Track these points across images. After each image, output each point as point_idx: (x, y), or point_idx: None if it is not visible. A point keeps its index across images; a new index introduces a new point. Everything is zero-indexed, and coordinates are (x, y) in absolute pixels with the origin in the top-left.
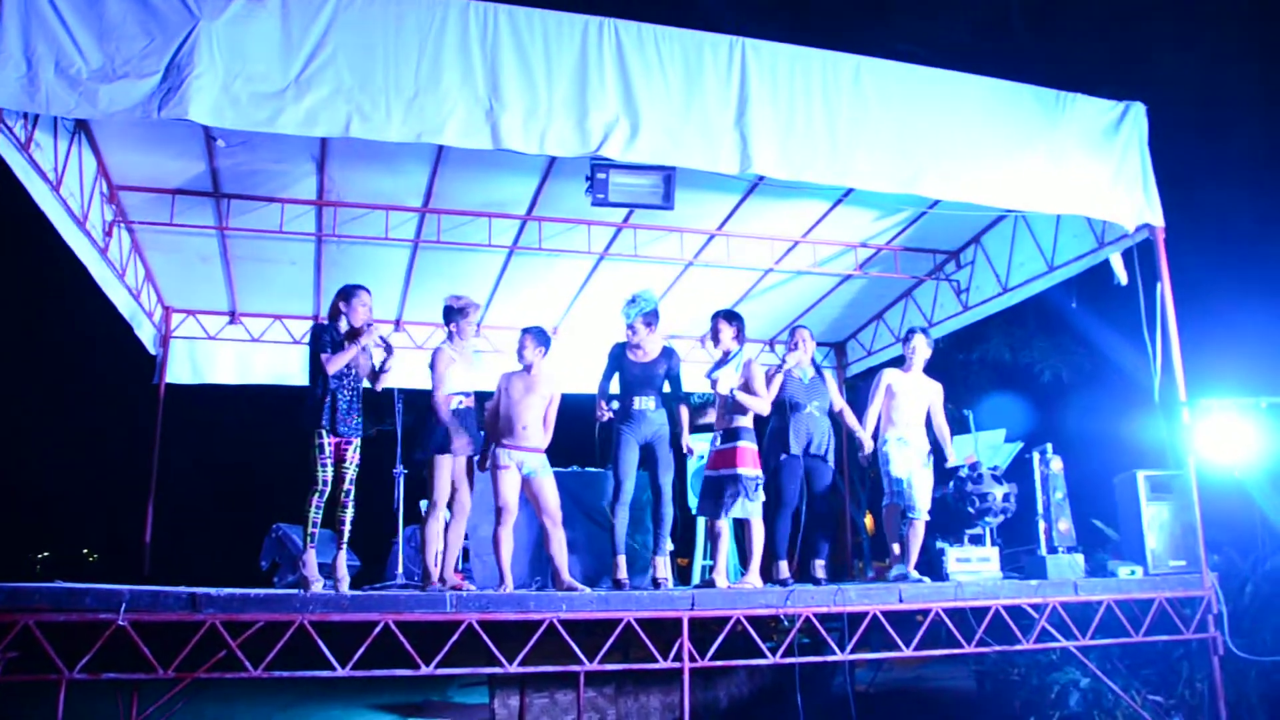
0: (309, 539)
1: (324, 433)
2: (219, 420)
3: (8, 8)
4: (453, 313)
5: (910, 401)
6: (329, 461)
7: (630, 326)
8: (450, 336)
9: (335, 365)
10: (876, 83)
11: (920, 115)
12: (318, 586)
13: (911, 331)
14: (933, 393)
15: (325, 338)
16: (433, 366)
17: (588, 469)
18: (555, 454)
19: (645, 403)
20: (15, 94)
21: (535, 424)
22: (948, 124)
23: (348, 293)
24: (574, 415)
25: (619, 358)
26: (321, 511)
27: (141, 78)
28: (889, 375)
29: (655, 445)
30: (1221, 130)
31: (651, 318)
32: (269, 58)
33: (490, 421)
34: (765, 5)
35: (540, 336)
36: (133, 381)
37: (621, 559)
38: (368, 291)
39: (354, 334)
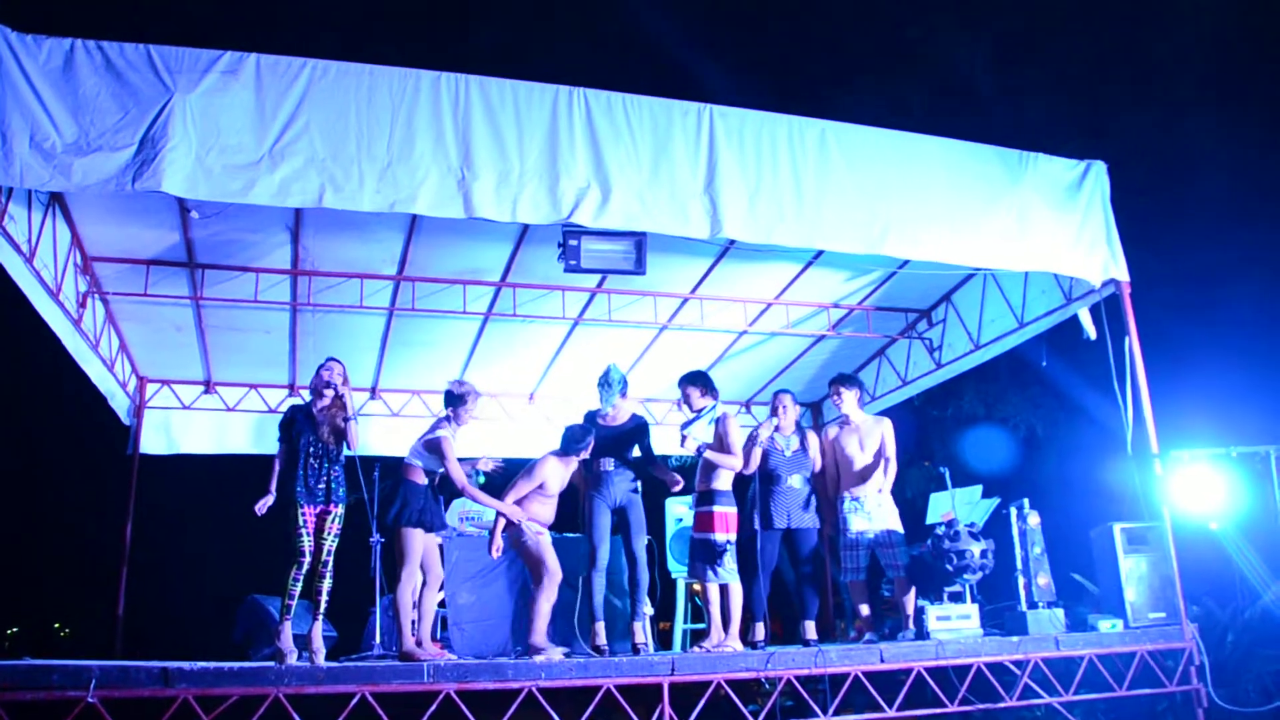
0: (285, 610)
1: (301, 504)
2: (193, 491)
3: None
4: (454, 399)
5: (860, 453)
6: (308, 532)
7: (612, 405)
8: (449, 419)
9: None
10: (842, 146)
11: (886, 177)
12: (293, 658)
13: (830, 383)
14: (880, 430)
15: (280, 435)
16: (443, 453)
17: (566, 534)
18: None
19: (608, 464)
20: None
21: None
22: (913, 185)
23: (322, 365)
24: None
25: (590, 422)
26: (300, 585)
27: (115, 150)
28: (829, 434)
29: (628, 509)
30: (1183, 184)
31: (623, 387)
32: (243, 129)
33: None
34: (730, 69)
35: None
36: (106, 452)
37: (600, 625)
38: (336, 360)
39: (336, 407)
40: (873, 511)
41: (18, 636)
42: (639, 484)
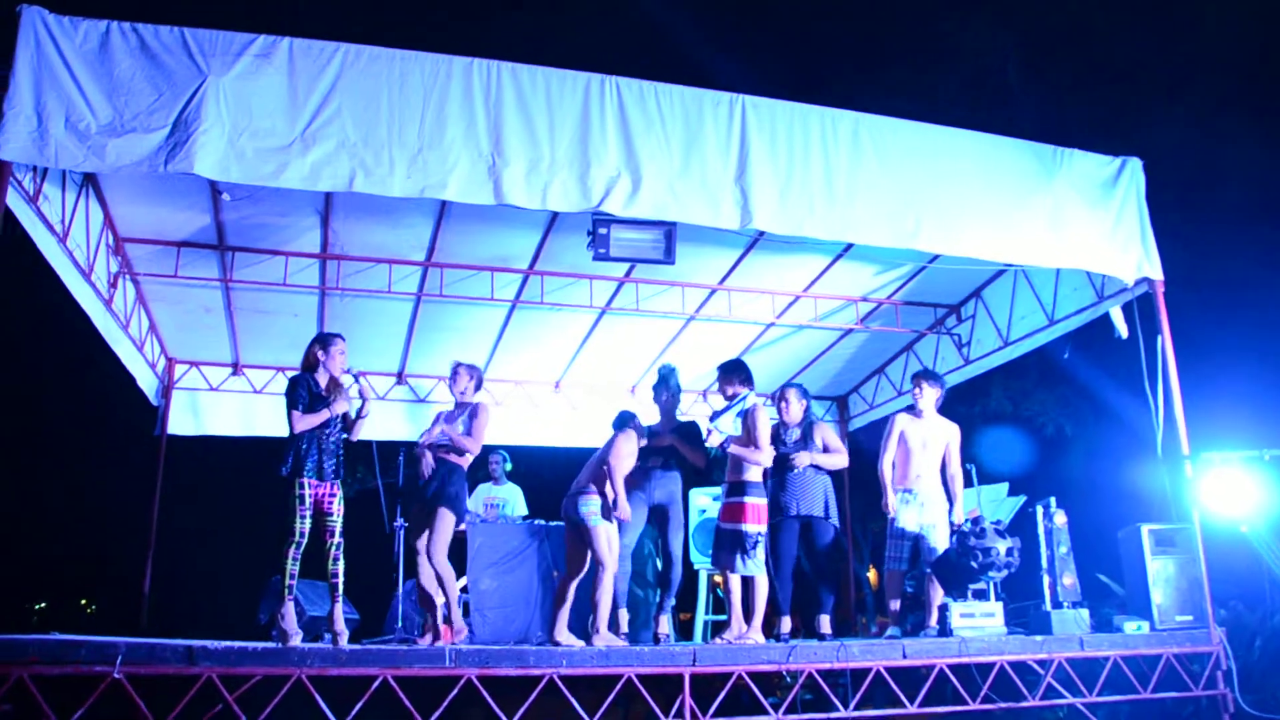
0: (286, 590)
1: (304, 483)
2: (220, 472)
3: (20, 63)
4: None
5: (921, 450)
6: (307, 512)
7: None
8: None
9: (303, 425)
10: (875, 139)
11: (918, 170)
12: (296, 640)
13: (915, 376)
14: (948, 436)
15: (300, 391)
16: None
17: None
18: (555, 510)
19: (655, 462)
20: (25, 147)
21: None
22: (946, 179)
23: (325, 341)
24: (575, 470)
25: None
26: (299, 563)
27: (149, 132)
28: (900, 422)
29: (668, 507)
30: (1219, 183)
31: (679, 393)
32: (275, 113)
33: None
34: (760, 61)
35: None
36: (134, 432)
37: (623, 613)
38: (343, 340)
39: (334, 384)
40: (925, 504)
41: (45, 612)
42: (681, 484)
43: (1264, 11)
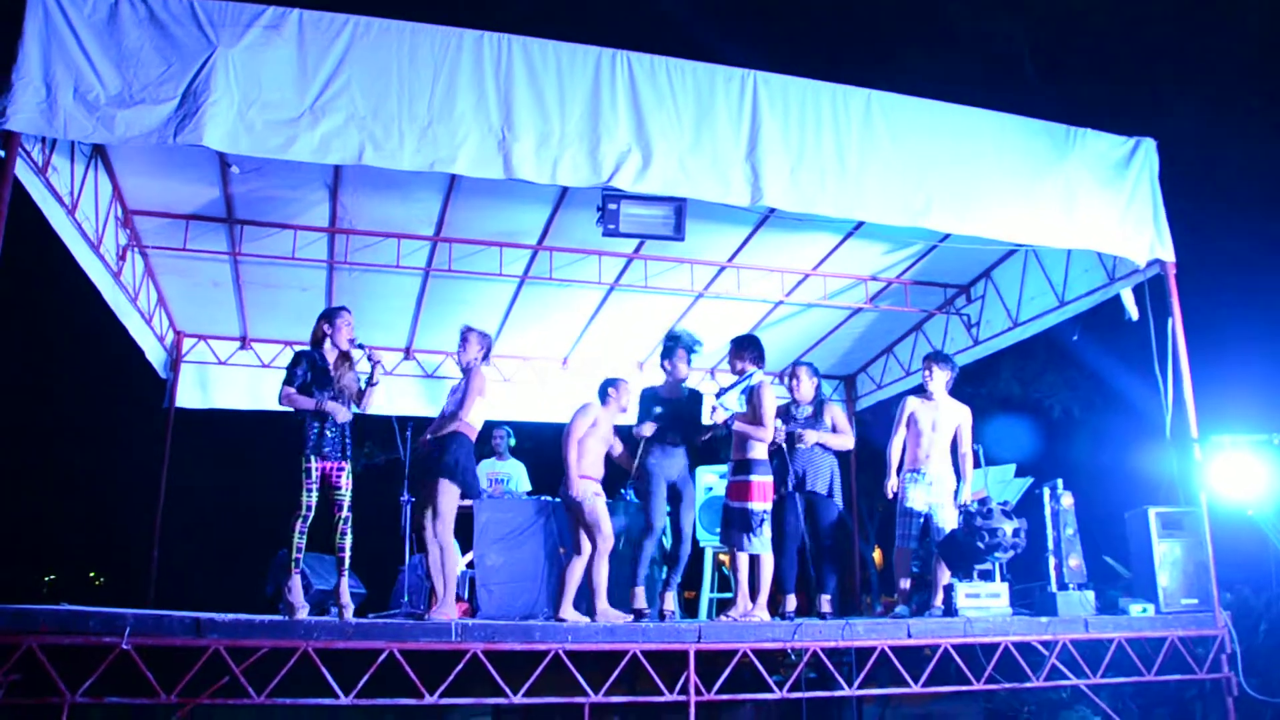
0: (294, 564)
1: (311, 457)
2: (228, 445)
3: (29, 33)
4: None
5: (930, 431)
6: (314, 487)
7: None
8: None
9: (287, 403)
10: (887, 116)
11: (931, 149)
12: (303, 613)
13: (926, 358)
14: (959, 418)
15: (297, 369)
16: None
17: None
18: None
19: (674, 438)
20: (34, 118)
21: None
22: (958, 158)
23: (331, 315)
24: None
25: (651, 400)
26: (305, 536)
27: (158, 104)
28: (910, 404)
29: (681, 485)
30: (1231, 167)
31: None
32: (284, 85)
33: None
34: (772, 46)
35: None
36: (143, 405)
37: (640, 590)
38: (349, 311)
39: (343, 358)
40: (933, 484)
41: (55, 583)
42: (688, 461)
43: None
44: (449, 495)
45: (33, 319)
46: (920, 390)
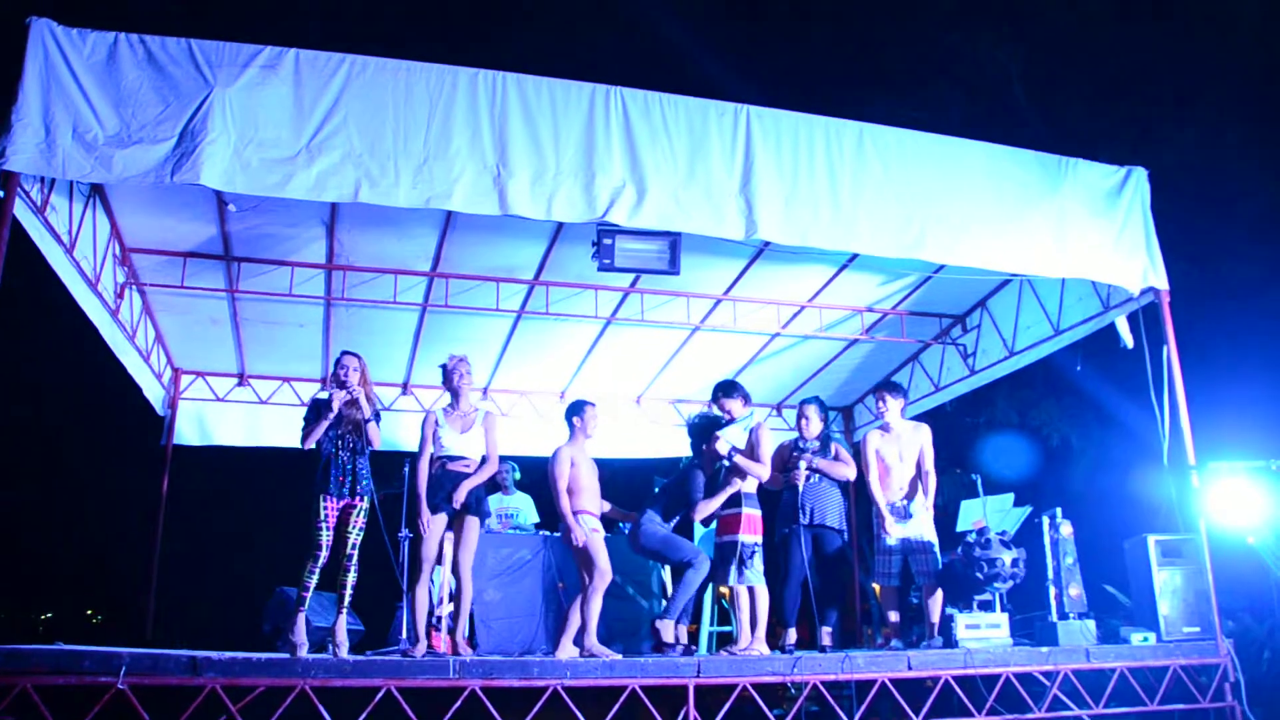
0: (300, 602)
1: (323, 497)
2: (225, 482)
3: (29, 75)
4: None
5: (899, 463)
6: (325, 526)
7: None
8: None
9: (307, 440)
10: (879, 149)
11: (923, 180)
12: (304, 651)
13: (875, 390)
14: (920, 440)
15: (309, 412)
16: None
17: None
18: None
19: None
20: (33, 159)
21: None
22: (951, 189)
23: (338, 359)
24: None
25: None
26: (315, 577)
27: (156, 143)
28: (873, 440)
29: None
30: (1225, 194)
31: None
32: (281, 124)
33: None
34: (765, 75)
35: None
36: (140, 442)
37: (673, 624)
38: (351, 354)
39: (352, 402)
40: (911, 517)
41: (50, 622)
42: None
43: (1271, 24)
44: (476, 531)
45: (31, 357)
46: (879, 424)
